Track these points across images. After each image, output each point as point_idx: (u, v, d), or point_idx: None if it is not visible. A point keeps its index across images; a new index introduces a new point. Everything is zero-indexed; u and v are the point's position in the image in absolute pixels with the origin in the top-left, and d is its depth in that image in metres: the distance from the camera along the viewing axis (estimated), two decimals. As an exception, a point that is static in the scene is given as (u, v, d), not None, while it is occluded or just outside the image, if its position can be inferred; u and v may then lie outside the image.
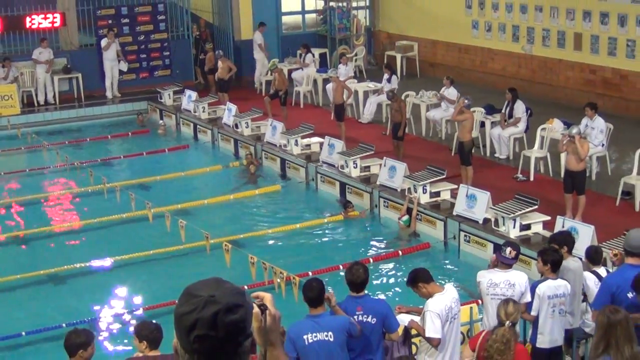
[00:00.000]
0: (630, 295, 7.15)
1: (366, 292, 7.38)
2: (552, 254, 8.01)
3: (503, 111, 15.98)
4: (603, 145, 14.52)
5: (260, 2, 24.03)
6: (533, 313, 7.92)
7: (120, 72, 22.30)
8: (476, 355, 6.88)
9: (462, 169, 14.10)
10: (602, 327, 5.67)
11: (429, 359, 7.55)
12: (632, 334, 5.67)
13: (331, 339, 6.77)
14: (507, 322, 6.84)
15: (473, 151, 14.42)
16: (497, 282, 7.88)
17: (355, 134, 17.31)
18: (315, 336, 6.75)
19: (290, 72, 21.71)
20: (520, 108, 15.75)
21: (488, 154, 16.23)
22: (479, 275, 8.13)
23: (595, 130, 14.33)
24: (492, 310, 7.79)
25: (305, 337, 6.74)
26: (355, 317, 7.11)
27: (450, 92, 17.18)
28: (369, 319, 7.15)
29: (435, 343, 7.41)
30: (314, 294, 6.84)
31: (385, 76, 18.88)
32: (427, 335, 7.40)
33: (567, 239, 8.61)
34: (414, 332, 7.71)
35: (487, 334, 6.93)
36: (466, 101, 14.30)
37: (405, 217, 13.41)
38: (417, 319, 7.68)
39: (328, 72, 19.47)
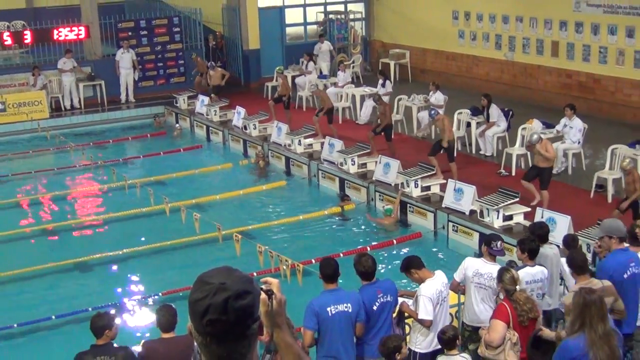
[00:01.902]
0: (625, 275, 7.23)
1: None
2: (528, 243, 7.95)
3: (482, 115, 15.94)
4: (579, 142, 14.49)
5: (266, 15, 23.98)
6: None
7: (134, 80, 22.23)
8: (512, 324, 6.90)
9: (431, 159, 13.97)
10: (578, 306, 5.65)
11: (421, 337, 7.55)
12: (605, 313, 5.65)
13: (349, 310, 6.89)
14: (517, 287, 7.04)
15: (459, 149, 14.38)
16: (482, 273, 7.85)
17: (352, 134, 17.26)
18: (337, 307, 6.86)
19: (293, 78, 21.68)
20: (495, 112, 15.65)
21: (474, 151, 16.20)
22: (467, 260, 8.07)
23: (574, 129, 14.30)
24: (474, 294, 7.87)
25: (328, 309, 6.83)
26: (378, 301, 7.18)
27: (437, 97, 17.17)
28: (388, 298, 7.26)
29: (427, 324, 7.42)
30: (331, 270, 6.94)
31: (380, 81, 18.90)
32: (420, 317, 7.40)
33: (533, 230, 8.59)
34: (407, 314, 7.71)
35: (508, 304, 6.96)
36: (432, 112, 14.33)
37: (388, 206, 13.39)
38: (409, 301, 7.68)
39: (314, 88, 18.96)
